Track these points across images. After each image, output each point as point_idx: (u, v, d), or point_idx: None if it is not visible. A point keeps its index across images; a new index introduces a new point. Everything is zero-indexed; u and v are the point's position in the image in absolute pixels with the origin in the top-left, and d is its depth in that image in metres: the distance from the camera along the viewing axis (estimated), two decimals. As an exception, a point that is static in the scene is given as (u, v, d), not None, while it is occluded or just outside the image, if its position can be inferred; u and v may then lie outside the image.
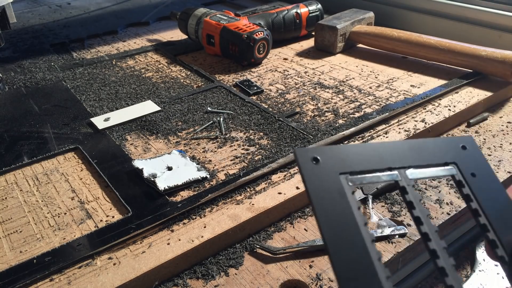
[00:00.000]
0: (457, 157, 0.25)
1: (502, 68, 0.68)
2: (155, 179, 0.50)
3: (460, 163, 0.25)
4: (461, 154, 0.25)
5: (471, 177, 0.24)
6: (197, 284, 0.41)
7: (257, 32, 0.79)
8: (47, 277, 0.39)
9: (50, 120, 0.66)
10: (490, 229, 0.23)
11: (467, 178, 0.24)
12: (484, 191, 0.24)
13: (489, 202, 0.24)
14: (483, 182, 0.24)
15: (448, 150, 0.25)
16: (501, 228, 0.23)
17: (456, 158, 0.25)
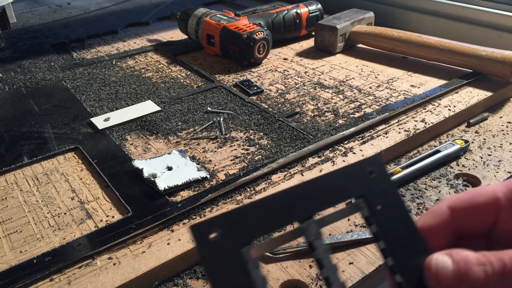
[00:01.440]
0: (364, 188, 0.23)
1: (502, 68, 0.68)
2: (155, 179, 0.50)
3: (367, 195, 0.23)
4: (368, 182, 0.23)
5: (379, 209, 0.23)
6: (197, 284, 0.41)
7: (257, 32, 0.79)
8: (47, 277, 0.39)
9: (50, 120, 0.66)
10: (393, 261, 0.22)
11: (375, 212, 0.23)
12: (391, 225, 0.23)
13: (396, 235, 0.23)
14: (390, 214, 0.23)
15: (354, 181, 0.23)
16: (405, 261, 0.22)
17: (363, 190, 0.23)
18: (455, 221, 0.23)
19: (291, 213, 0.21)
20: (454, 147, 0.56)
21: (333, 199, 0.23)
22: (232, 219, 0.20)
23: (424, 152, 0.57)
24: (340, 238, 0.43)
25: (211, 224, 0.19)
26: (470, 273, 0.20)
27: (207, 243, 0.19)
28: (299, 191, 0.22)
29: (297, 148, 0.56)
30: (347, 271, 0.41)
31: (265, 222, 0.21)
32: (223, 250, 0.19)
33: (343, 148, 0.56)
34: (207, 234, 0.19)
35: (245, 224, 0.20)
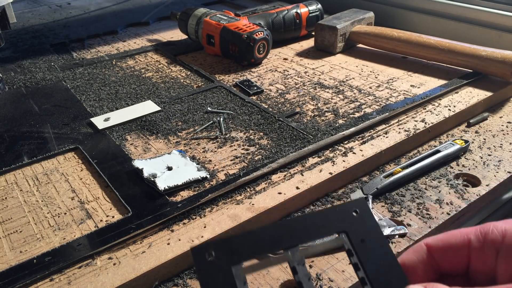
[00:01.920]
0: (347, 225, 0.25)
1: (502, 68, 0.68)
2: (155, 179, 0.50)
3: (350, 231, 0.25)
4: (352, 220, 0.26)
5: (360, 243, 0.25)
6: (197, 284, 0.41)
7: (257, 32, 0.79)
8: (47, 277, 0.39)
9: (50, 120, 0.66)
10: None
11: (356, 246, 0.25)
12: (372, 257, 0.25)
13: (376, 267, 0.24)
14: (371, 248, 0.25)
15: (339, 219, 0.26)
16: None
17: (347, 226, 0.25)
18: (434, 259, 0.25)
19: (278, 242, 0.25)
20: (454, 147, 0.56)
21: (317, 234, 0.25)
22: (226, 243, 0.24)
23: (424, 152, 0.57)
24: (340, 238, 0.43)
25: (208, 247, 0.23)
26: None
27: (204, 262, 0.23)
28: (286, 225, 0.25)
29: (297, 148, 0.56)
30: (347, 271, 0.41)
31: (254, 248, 0.24)
32: (216, 268, 0.23)
33: (343, 148, 0.56)
34: (205, 255, 0.23)
35: (236, 248, 0.24)
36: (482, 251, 0.24)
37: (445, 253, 0.25)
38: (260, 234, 0.25)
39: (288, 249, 0.25)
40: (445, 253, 0.25)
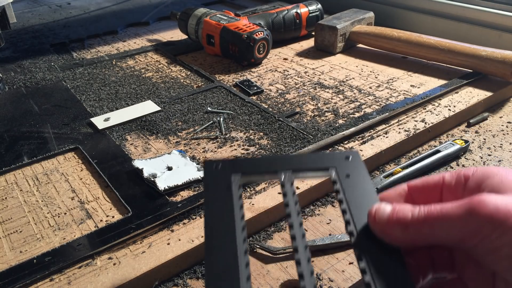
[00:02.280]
0: (338, 163, 0.30)
1: (502, 68, 0.68)
2: (155, 179, 0.50)
3: (339, 167, 0.30)
4: (342, 161, 0.30)
5: (345, 177, 0.29)
6: (197, 284, 0.41)
7: (257, 32, 0.79)
8: (47, 277, 0.39)
9: (50, 120, 0.66)
10: (347, 212, 0.27)
11: (341, 178, 0.29)
12: (353, 187, 0.28)
13: (354, 195, 0.28)
14: (354, 181, 0.29)
15: (332, 159, 0.30)
16: (357, 212, 0.27)
17: (337, 164, 0.30)
18: (411, 195, 0.29)
19: (275, 166, 0.30)
20: (454, 147, 0.56)
21: (310, 166, 0.30)
22: (231, 162, 0.30)
23: (424, 152, 0.57)
24: (340, 238, 0.43)
25: (217, 161, 0.30)
26: (400, 212, 0.25)
27: (211, 170, 0.29)
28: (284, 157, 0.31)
29: (297, 148, 0.56)
30: (347, 271, 0.41)
31: (253, 167, 0.30)
32: (219, 174, 0.29)
33: (343, 148, 0.56)
34: (213, 165, 0.29)
35: (239, 165, 0.30)
36: (453, 187, 0.27)
37: (422, 191, 0.28)
38: (260, 159, 0.31)
39: (282, 171, 0.29)
40: (422, 190, 0.28)
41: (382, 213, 0.25)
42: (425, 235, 0.24)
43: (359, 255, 0.25)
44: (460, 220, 0.23)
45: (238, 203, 0.27)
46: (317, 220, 0.47)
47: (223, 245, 0.25)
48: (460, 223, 0.23)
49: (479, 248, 0.23)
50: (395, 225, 0.25)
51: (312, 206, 0.50)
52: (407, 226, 0.24)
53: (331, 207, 0.49)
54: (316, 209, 0.49)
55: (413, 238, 0.24)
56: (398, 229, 0.24)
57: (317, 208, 0.49)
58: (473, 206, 0.23)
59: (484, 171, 0.26)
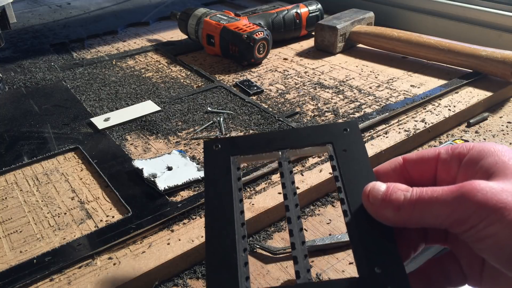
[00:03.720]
0: (335, 138, 0.30)
1: (502, 68, 0.68)
2: (155, 179, 0.50)
3: (336, 142, 0.30)
4: (340, 135, 0.30)
5: (342, 152, 0.29)
6: (197, 284, 0.41)
7: (257, 32, 0.79)
8: (47, 277, 0.39)
9: (50, 120, 0.66)
10: (342, 191, 0.28)
11: (338, 153, 0.29)
12: (349, 163, 0.29)
13: (350, 170, 0.28)
14: (351, 156, 0.29)
15: (330, 133, 0.30)
16: (352, 190, 0.27)
17: (334, 139, 0.30)
18: (406, 168, 0.29)
19: (272, 144, 0.30)
20: (454, 147, 0.56)
21: (307, 142, 0.30)
22: (230, 141, 0.30)
23: (424, 152, 0.57)
24: (340, 238, 0.43)
25: (216, 141, 0.30)
26: (393, 194, 0.25)
27: (211, 151, 0.30)
28: (282, 133, 0.31)
29: (297, 148, 0.56)
30: (347, 271, 0.41)
31: (252, 147, 0.30)
32: (219, 155, 0.29)
33: (343, 148, 0.56)
34: (212, 146, 0.30)
35: (237, 145, 0.30)
36: (448, 162, 0.27)
37: (417, 164, 0.29)
38: (258, 137, 0.31)
39: (279, 149, 0.30)
40: (417, 164, 0.29)
41: (376, 194, 0.26)
42: (416, 218, 0.24)
43: (352, 234, 0.26)
44: (449, 206, 0.23)
45: (236, 186, 0.28)
46: (317, 220, 0.47)
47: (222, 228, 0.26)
48: (449, 209, 0.23)
49: (467, 235, 0.23)
50: (387, 206, 0.25)
51: (312, 206, 0.50)
52: (399, 208, 0.25)
53: (331, 207, 0.49)
54: (316, 209, 0.49)
55: (405, 220, 0.25)
56: (391, 210, 0.25)
57: (317, 208, 0.49)
58: (462, 194, 0.23)
59: (480, 149, 0.26)
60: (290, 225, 0.27)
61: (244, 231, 0.26)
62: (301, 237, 0.26)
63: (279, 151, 0.29)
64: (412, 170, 0.29)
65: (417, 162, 0.29)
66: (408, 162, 0.29)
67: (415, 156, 0.29)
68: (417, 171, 0.29)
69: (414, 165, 0.29)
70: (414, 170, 0.29)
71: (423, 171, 0.28)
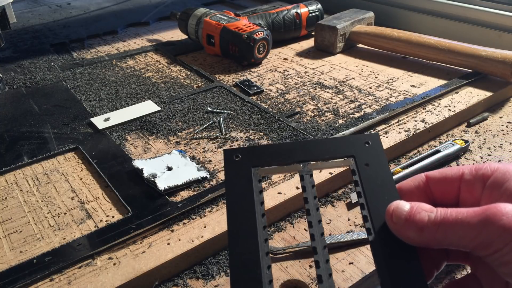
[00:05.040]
0: (357, 151, 0.29)
1: (502, 68, 0.68)
2: (155, 179, 0.50)
3: (358, 156, 0.29)
4: (362, 148, 0.29)
5: (365, 166, 0.29)
6: (197, 284, 0.41)
7: (257, 32, 0.79)
8: (47, 277, 0.39)
9: (50, 120, 0.66)
10: (365, 207, 0.27)
11: (360, 168, 0.29)
12: (372, 178, 0.28)
13: (373, 186, 0.28)
14: (373, 171, 0.28)
15: (351, 146, 0.30)
16: (375, 207, 0.27)
17: (356, 152, 0.29)
18: (429, 187, 0.29)
19: (293, 156, 0.29)
20: (454, 147, 0.56)
21: (328, 155, 0.29)
22: (251, 151, 0.30)
23: (424, 152, 0.57)
24: (340, 238, 0.43)
25: (237, 151, 0.30)
26: (417, 215, 0.25)
27: (231, 160, 0.29)
28: (303, 144, 0.30)
29: (297, 148, 0.56)
30: (347, 271, 0.41)
31: (273, 158, 0.29)
32: (239, 166, 0.29)
33: (343, 148, 0.56)
34: (233, 156, 0.29)
35: (258, 155, 0.30)
36: (472, 183, 0.27)
37: (440, 184, 0.28)
38: (280, 147, 0.30)
39: (301, 162, 0.29)
40: (440, 183, 0.28)
41: (400, 213, 0.25)
42: (439, 240, 0.24)
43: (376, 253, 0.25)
44: (474, 229, 0.23)
45: (258, 199, 0.27)
46: (317, 220, 0.47)
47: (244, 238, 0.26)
48: (473, 232, 0.23)
49: (491, 259, 0.23)
50: (411, 227, 0.25)
51: (312, 206, 0.50)
52: (422, 229, 0.24)
53: (331, 207, 0.49)
54: (316, 209, 0.49)
55: (428, 241, 0.24)
56: (414, 231, 0.25)
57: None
58: (487, 217, 0.23)
59: (505, 171, 0.26)
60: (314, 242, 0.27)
61: (267, 247, 0.26)
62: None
63: (301, 163, 0.29)
64: (435, 189, 0.29)
65: (440, 181, 0.28)
66: (431, 181, 0.29)
67: (438, 175, 0.28)
68: (440, 190, 0.28)
69: (437, 184, 0.28)
70: (437, 189, 0.28)
71: (446, 190, 0.28)
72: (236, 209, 0.27)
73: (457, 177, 0.28)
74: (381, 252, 0.25)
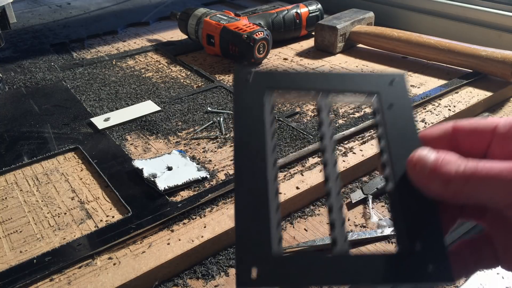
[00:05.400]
0: (381, 89, 0.27)
1: (502, 68, 0.68)
2: (155, 179, 0.50)
3: (382, 94, 0.27)
4: (386, 87, 0.27)
5: (388, 108, 0.27)
6: (197, 284, 0.41)
7: (257, 32, 0.79)
8: (47, 277, 0.39)
9: (50, 120, 0.66)
10: (386, 152, 0.25)
11: (384, 108, 0.27)
12: (395, 121, 0.26)
13: (395, 130, 0.26)
14: (397, 113, 0.26)
15: (376, 83, 0.27)
16: (396, 153, 0.25)
17: (380, 90, 0.27)
18: (455, 137, 0.26)
19: (315, 84, 0.27)
20: (454, 147, 0.56)
21: (351, 89, 0.27)
22: (267, 73, 0.26)
23: (424, 152, 0.57)
24: (340, 238, 0.43)
25: (249, 71, 0.26)
26: (444, 166, 0.22)
27: (243, 81, 0.26)
28: (324, 75, 0.27)
29: (297, 148, 0.56)
30: (347, 271, 0.41)
31: (291, 82, 0.26)
32: (251, 87, 0.26)
33: (343, 148, 0.56)
34: (246, 75, 0.26)
35: (274, 79, 0.26)
36: (506, 137, 0.25)
37: (470, 134, 0.26)
38: (299, 75, 0.27)
39: (320, 91, 0.26)
40: (470, 133, 0.26)
41: (425, 163, 0.23)
42: (468, 194, 0.22)
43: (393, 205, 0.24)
44: (510, 185, 0.21)
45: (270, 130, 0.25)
46: (317, 220, 0.47)
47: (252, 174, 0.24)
48: (509, 189, 0.21)
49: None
50: (436, 178, 0.23)
51: (312, 206, 0.50)
52: (449, 181, 0.22)
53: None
54: (316, 209, 0.49)
55: (454, 195, 0.22)
56: (439, 183, 0.23)
57: (317, 208, 0.49)
58: None
59: None
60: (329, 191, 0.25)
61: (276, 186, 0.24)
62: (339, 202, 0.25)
63: (320, 92, 0.26)
64: (463, 140, 0.26)
65: (469, 132, 0.26)
66: (459, 131, 0.26)
67: (468, 125, 0.26)
68: (467, 142, 0.26)
69: (466, 135, 0.26)
70: (464, 140, 0.26)
71: (475, 142, 0.26)
72: (244, 139, 0.24)
73: (489, 129, 0.25)
74: (398, 204, 0.24)
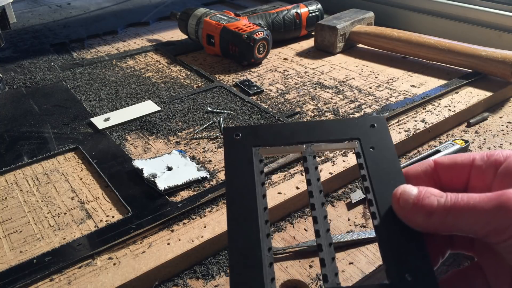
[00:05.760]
0: (363, 134, 0.28)
1: (502, 68, 0.68)
2: (155, 179, 0.50)
3: (363, 138, 0.28)
4: (367, 131, 0.29)
5: (370, 150, 0.28)
6: (197, 284, 0.41)
7: (257, 32, 0.79)
8: (47, 277, 0.39)
9: (50, 120, 0.66)
10: (370, 191, 0.26)
11: (365, 151, 0.28)
12: (377, 161, 0.27)
13: (379, 170, 0.27)
14: (379, 154, 0.28)
15: (357, 128, 0.29)
16: (380, 191, 0.26)
17: (361, 135, 0.28)
18: (437, 173, 0.28)
19: (296, 137, 0.28)
20: (454, 147, 0.56)
21: (332, 137, 0.28)
22: (252, 130, 0.29)
23: (424, 152, 0.57)
24: (340, 238, 0.43)
25: (237, 129, 0.28)
26: (425, 199, 0.24)
27: (231, 139, 0.28)
28: (307, 125, 0.29)
29: (297, 148, 0.56)
30: (347, 271, 0.41)
31: (275, 138, 0.28)
32: (240, 145, 0.28)
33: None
34: (233, 134, 0.28)
35: (260, 135, 0.28)
36: (483, 170, 0.26)
37: (449, 169, 0.27)
38: (281, 127, 0.29)
39: (304, 143, 0.28)
40: (449, 169, 0.27)
41: (407, 197, 0.24)
42: (449, 225, 0.23)
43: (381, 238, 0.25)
44: (488, 215, 0.22)
45: (259, 179, 0.26)
46: (317, 220, 0.47)
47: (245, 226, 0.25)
48: (487, 218, 0.22)
49: (503, 246, 0.23)
50: (419, 211, 0.24)
51: (312, 206, 0.50)
52: (431, 214, 0.23)
53: (331, 207, 0.49)
54: (316, 209, 0.49)
55: (437, 227, 0.24)
56: (422, 216, 0.24)
57: (317, 208, 0.49)
58: (502, 202, 0.22)
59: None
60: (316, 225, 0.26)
61: (268, 229, 0.25)
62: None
63: (304, 144, 0.28)
64: (443, 175, 0.28)
65: (449, 167, 0.27)
66: (439, 166, 0.28)
67: (447, 161, 0.28)
68: (448, 177, 0.27)
69: (446, 170, 0.27)
70: (445, 175, 0.28)
71: (455, 176, 0.27)
72: (237, 194, 0.26)
73: (467, 163, 0.27)
74: (386, 238, 0.25)
